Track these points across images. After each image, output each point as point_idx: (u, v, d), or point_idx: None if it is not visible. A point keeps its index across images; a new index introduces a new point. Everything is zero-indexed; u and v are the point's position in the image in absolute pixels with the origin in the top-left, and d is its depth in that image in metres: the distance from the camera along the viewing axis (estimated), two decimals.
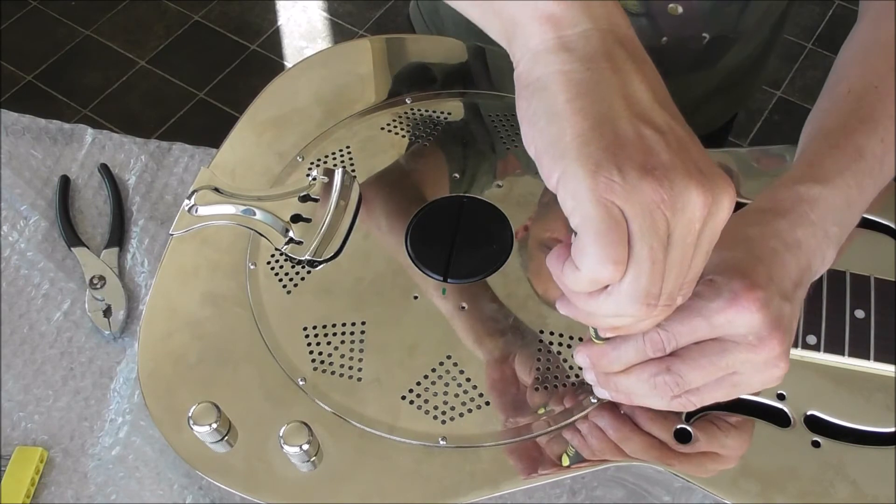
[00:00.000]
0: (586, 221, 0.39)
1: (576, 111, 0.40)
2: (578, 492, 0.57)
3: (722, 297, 0.47)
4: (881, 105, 0.57)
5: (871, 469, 0.52)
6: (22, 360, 0.65)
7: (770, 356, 0.48)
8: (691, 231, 0.41)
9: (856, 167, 0.55)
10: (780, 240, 0.51)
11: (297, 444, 0.51)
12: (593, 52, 0.41)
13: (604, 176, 0.38)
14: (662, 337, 0.47)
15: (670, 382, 0.48)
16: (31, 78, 2.00)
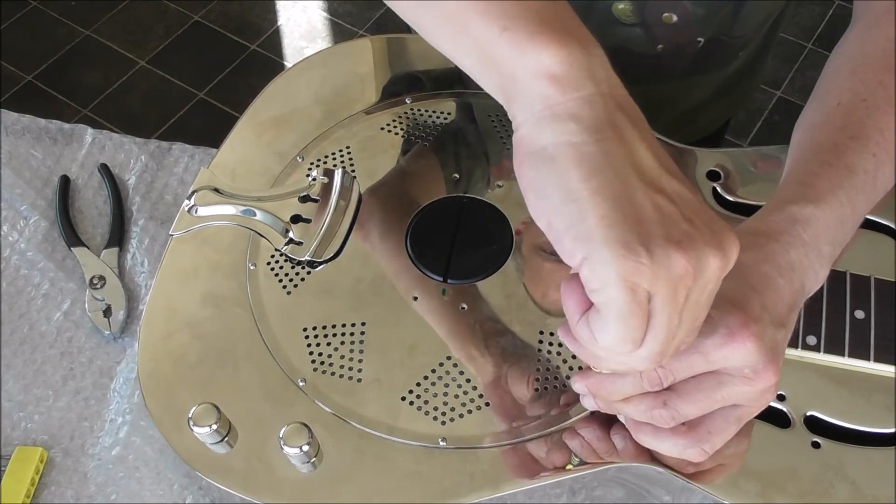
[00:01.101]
0: (611, 303, 0.39)
1: (594, 192, 0.39)
2: (578, 492, 0.57)
3: (718, 333, 0.47)
4: (870, 119, 0.57)
5: (870, 470, 0.52)
6: (22, 360, 0.65)
7: (766, 386, 0.48)
8: (706, 291, 0.41)
9: (848, 185, 0.55)
10: (774, 264, 0.51)
11: (297, 445, 0.51)
12: (599, 122, 0.40)
13: (633, 260, 0.38)
14: (660, 374, 0.48)
15: (666, 416, 0.49)
16: (31, 78, 2.00)
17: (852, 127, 0.57)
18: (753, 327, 0.47)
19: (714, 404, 0.49)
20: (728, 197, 0.64)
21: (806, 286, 0.52)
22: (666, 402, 0.49)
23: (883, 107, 0.57)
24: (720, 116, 0.89)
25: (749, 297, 0.49)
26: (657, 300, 0.40)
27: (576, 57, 0.40)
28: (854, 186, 0.55)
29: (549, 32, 0.40)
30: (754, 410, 0.50)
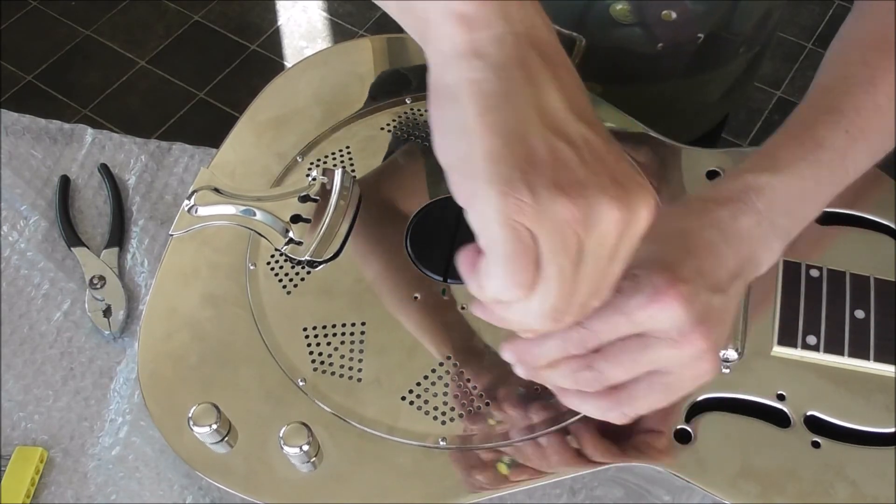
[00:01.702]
0: (493, 244, 0.38)
1: (486, 127, 0.38)
2: (578, 492, 0.57)
3: (642, 293, 0.45)
4: (848, 97, 0.56)
5: (870, 469, 0.52)
6: (22, 360, 0.65)
7: (694, 351, 0.46)
8: (605, 246, 0.40)
9: (812, 158, 0.54)
10: (719, 230, 0.50)
11: (297, 445, 0.51)
12: (506, 60, 0.40)
13: (514, 197, 0.37)
14: (583, 335, 0.46)
15: (590, 379, 0.47)
16: (31, 78, 2.00)
17: (828, 103, 0.56)
18: (681, 288, 0.45)
19: (640, 368, 0.47)
20: None
21: (757, 256, 0.51)
22: (591, 364, 0.47)
23: (864, 85, 0.56)
24: (719, 114, 0.90)
25: (683, 260, 0.47)
26: (543, 246, 0.38)
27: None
28: (819, 161, 0.54)
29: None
30: (685, 380, 0.48)
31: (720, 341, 0.48)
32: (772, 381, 0.55)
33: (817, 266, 0.59)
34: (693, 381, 0.48)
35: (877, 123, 0.56)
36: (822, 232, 0.62)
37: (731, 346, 0.56)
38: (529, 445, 0.54)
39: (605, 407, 0.48)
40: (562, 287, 0.40)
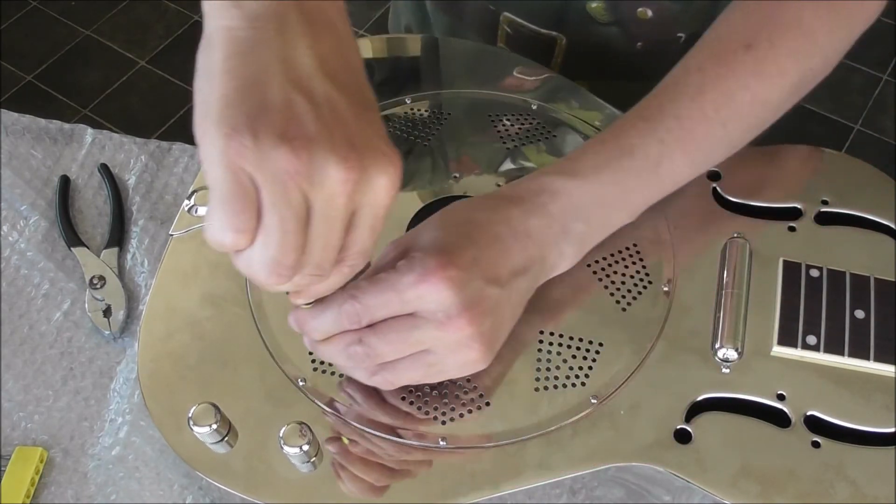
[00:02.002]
0: (214, 185, 0.39)
1: (226, 71, 0.39)
2: (578, 491, 0.57)
3: (414, 272, 0.47)
4: (672, 104, 0.55)
5: (870, 469, 0.52)
6: (22, 360, 0.65)
7: (460, 336, 0.48)
8: (334, 206, 0.40)
9: (617, 165, 0.54)
10: (508, 226, 0.51)
11: (297, 445, 0.51)
12: (262, 12, 0.40)
13: (237, 140, 0.38)
14: (357, 309, 0.47)
15: (361, 353, 0.49)
16: (31, 78, 2.00)
17: (649, 109, 0.56)
18: (452, 272, 0.47)
19: (408, 347, 0.48)
20: (728, 197, 0.64)
21: (548, 259, 0.52)
22: (362, 339, 0.48)
23: (691, 93, 0.56)
24: None
25: (463, 248, 0.49)
26: (264, 194, 0.39)
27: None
28: (625, 168, 0.54)
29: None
30: (449, 364, 0.50)
31: (493, 333, 0.50)
32: (772, 381, 0.55)
33: (817, 266, 0.59)
34: (458, 367, 0.50)
35: (700, 132, 0.55)
36: (823, 232, 0.62)
37: (731, 345, 0.56)
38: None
39: (372, 371, 0.50)
40: (283, 238, 0.40)
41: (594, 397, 0.55)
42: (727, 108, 0.55)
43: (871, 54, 1.99)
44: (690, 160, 0.56)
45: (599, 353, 0.57)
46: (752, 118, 0.57)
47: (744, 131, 0.58)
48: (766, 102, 0.57)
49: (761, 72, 0.55)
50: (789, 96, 0.58)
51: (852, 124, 1.90)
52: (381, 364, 0.50)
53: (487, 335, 0.49)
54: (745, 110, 0.56)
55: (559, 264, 0.54)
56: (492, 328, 0.49)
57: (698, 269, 0.60)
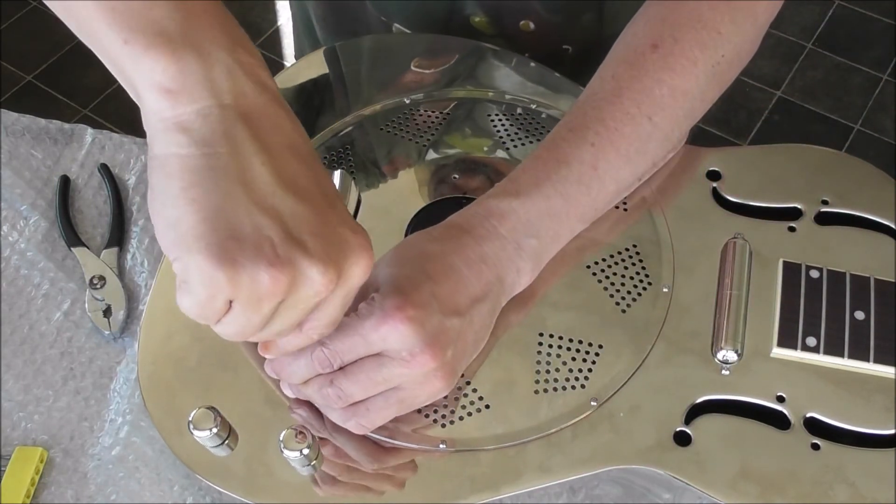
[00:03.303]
0: (188, 288, 0.41)
1: (190, 202, 0.40)
2: (578, 491, 0.57)
3: (374, 315, 0.48)
4: (594, 111, 0.57)
5: (870, 471, 0.52)
6: (22, 360, 0.65)
7: (425, 370, 0.49)
8: (307, 303, 0.43)
9: (557, 177, 0.56)
10: (462, 256, 0.53)
11: (298, 449, 0.51)
12: (211, 135, 0.40)
13: (211, 273, 0.40)
14: (326, 354, 0.50)
15: (333, 395, 0.51)
16: (31, 78, 2.00)
17: (574, 120, 0.58)
18: (410, 311, 0.48)
19: (376, 386, 0.50)
20: (728, 197, 0.64)
21: (506, 280, 0.54)
22: (333, 381, 0.50)
23: (609, 98, 0.58)
24: None
25: (419, 285, 0.50)
26: (237, 305, 0.42)
27: (191, 69, 0.40)
28: (565, 178, 0.56)
29: (164, 45, 0.40)
30: (418, 394, 0.51)
31: (456, 361, 0.51)
32: (771, 383, 0.55)
33: (817, 266, 0.59)
34: (427, 397, 0.52)
35: (629, 130, 0.57)
36: (823, 232, 0.62)
37: (731, 347, 0.56)
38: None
39: (343, 417, 0.52)
40: (243, 329, 0.43)
41: (594, 399, 0.55)
42: (648, 104, 0.57)
43: (871, 54, 1.99)
44: (626, 158, 0.58)
45: (599, 355, 0.57)
46: (676, 109, 0.59)
47: (673, 123, 0.59)
48: (685, 93, 0.58)
49: (671, 66, 0.58)
50: (707, 85, 0.60)
51: (852, 124, 1.90)
52: (353, 405, 0.52)
53: (450, 364, 0.51)
54: (667, 102, 0.58)
55: (518, 282, 0.56)
56: (454, 357, 0.51)
57: (698, 270, 0.60)
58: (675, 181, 0.64)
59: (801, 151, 0.67)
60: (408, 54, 0.76)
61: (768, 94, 1.94)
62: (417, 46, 0.75)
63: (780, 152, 0.67)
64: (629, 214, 0.63)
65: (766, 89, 1.95)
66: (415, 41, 0.76)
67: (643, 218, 0.62)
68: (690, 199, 0.63)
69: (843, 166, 0.66)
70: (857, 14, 2.07)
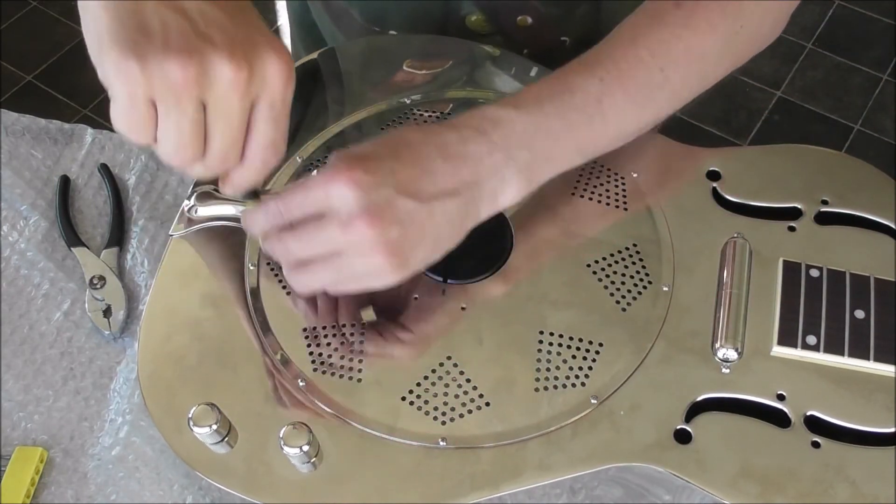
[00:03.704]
0: (114, 96, 0.44)
1: (104, 9, 0.44)
2: (578, 491, 0.57)
3: (324, 172, 0.50)
4: (609, 50, 0.58)
5: (870, 469, 0.52)
6: (22, 360, 0.65)
7: (360, 238, 0.49)
8: (228, 103, 0.45)
9: (560, 100, 0.56)
10: (440, 148, 0.53)
11: (297, 446, 0.51)
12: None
13: (124, 65, 0.42)
14: (279, 206, 0.51)
15: (279, 250, 0.53)
16: (31, 78, 2.00)
17: (588, 57, 0.58)
18: (358, 174, 0.49)
19: (316, 245, 0.51)
20: (728, 196, 0.64)
21: (486, 185, 0.53)
22: (281, 237, 0.52)
23: (624, 41, 0.58)
24: None
25: (380, 157, 0.51)
26: (159, 105, 0.44)
27: None
28: (567, 103, 0.56)
29: None
30: (356, 265, 0.51)
31: (402, 245, 0.51)
32: (772, 381, 0.55)
33: (817, 266, 0.59)
34: (366, 270, 0.51)
35: (640, 75, 0.57)
36: (822, 232, 0.62)
37: (731, 345, 0.56)
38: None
39: (288, 273, 0.53)
40: (179, 138, 0.46)
41: (594, 397, 0.55)
42: (662, 55, 0.58)
43: (871, 54, 1.99)
44: (632, 101, 0.57)
45: (599, 353, 0.57)
46: (689, 68, 0.59)
47: (683, 80, 0.59)
48: (701, 54, 0.59)
49: (692, 24, 0.58)
50: (722, 52, 0.60)
51: (852, 124, 1.90)
52: (297, 263, 0.53)
53: (394, 244, 0.50)
54: (681, 58, 0.58)
55: (503, 192, 0.55)
56: (401, 239, 0.50)
57: (698, 269, 0.60)
58: (675, 181, 0.65)
59: (801, 151, 0.67)
60: (408, 55, 0.76)
61: (768, 94, 1.94)
62: (417, 47, 0.75)
63: (780, 152, 0.67)
64: (629, 214, 0.63)
65: (766, 89, 1.95)
66: (414, 42, 0.76)
67: (643, 217, 0.62)
68: (690, 199, 0.63)
69: (843, 166, 0.66)
70: (857, 14, 2.07)
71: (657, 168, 0.65)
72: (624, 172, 0.65)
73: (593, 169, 0.65)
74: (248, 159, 0.48)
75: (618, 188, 0.64)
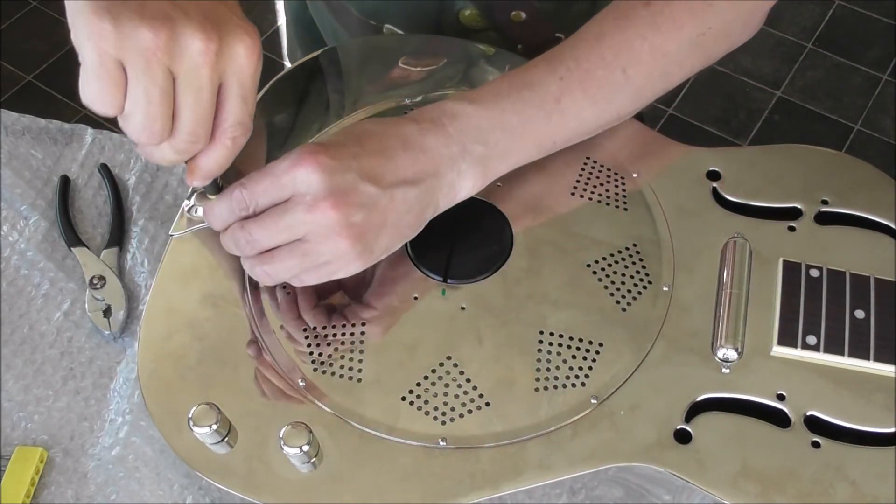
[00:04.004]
0: (85, 61, 0.44)
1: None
2: (578, 491, 0.57)
3: (290, 157, 0.51)
4: (573, 49, 0.59)
5: (870, 469, 0.52)
6: (22, 360, 0.65)
7: (327, 221, 0.51)
8: (198, 76, 0.46)
9: (517, 96, 0.57)
10: (400, 139, 0.54)
11: (297, 446, 0.51)
12: None
13: (97, 24, 0.43)
14: (244, 195, 0.52)
15: (242, 239, 0.53)
16: (31, 78, 2.00)
17: (551, 53, 0.59)
18: (323, 158, 0.51)
19: (281, 232, 0.52)
20: (728, 196, 0.64)
21: (444, 177, 0.55)
22: (244, 225, 0.53)
23: (590, 41, 0.59)
24: None
25: (345, 145, 0.52)
26: (128, 69, 0.44)
27: None
28: (525, 100, 0.57)
29: None
30: (322, 250, 0.52)
31: (366, 229, 0.52)
32: (772, 381, 0.55)
33: (817, 266, 0.59)
34: (332, 255, 0.52)
35: (599, 75, 0.58)
36: (822, 232, 0.62)
37: (731, 345, 0.56)
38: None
39: (251, 264, 0.54)
40: (148, 108, 0.46)
41: (594, 397, 0.55)
42: (626, 55, 0.58)
43: (871, 54, 1.99)
44: (592, 100, 0.58)
45: (599, 353, 0.57)
46: (652, 67, 0.59)
47: (646, 80, 0.60)
48: (665, 54, 0.59)
49: (658, 24, 0.58)
50: (688, 52, 0.60)
51: (852, 124, 1.90)
52: (261, 254, 0.53)
53: (358, 228, 0.52)
54: (645, 59, 0.58)
55: (460, 184, 0.56)
56: (364, 223, 0.52)
57: (698, 269, 0.60)
58: (675, 181, 0.65)
59: (801, 151, 0.67)
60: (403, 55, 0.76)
61: (768, 94, 1.94)
62: (412, 47, 0.75)
63: (780, 152, 0.67)
64: (629, 214, 0.63)
65: (766, 89, 1.95)
66: (409, 42, 0.76)
67: (643, 217, 0.62)
68: (690, 199, 0.63)
69: (843, 166, 0.66)
70: (857, 14, 2.07)
71: (657, 168, 0.65)
72: (624, 172, 0.65)
73: (593, 169, 0.65)
74: (217, 139, 0.49)
75: (618, 188, 0.64)
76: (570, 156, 0.64)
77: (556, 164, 0.64)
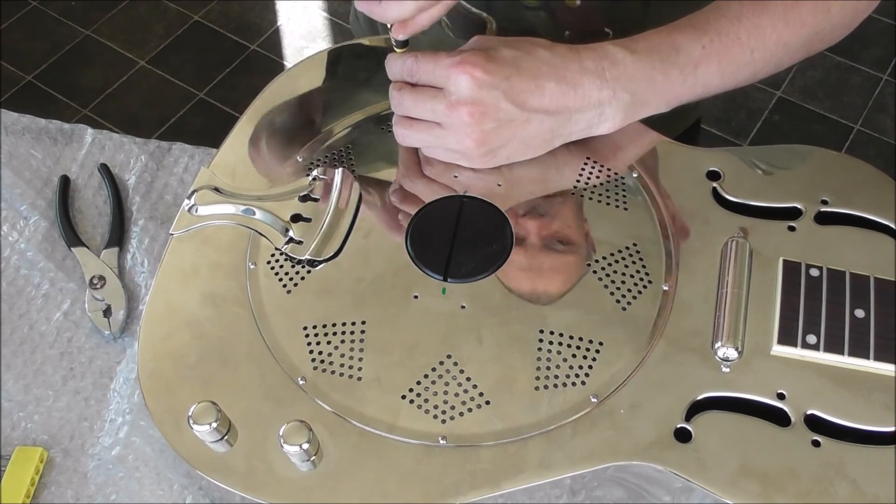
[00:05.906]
0: None
1: None
2: (578, 492, 0.57)
3: (457, 57, 0.58)
4: (716, 22, 0.63)
5: (871, 468, 0.52)
6: (22, 360, 0.65)
7: (460, 122, 0.59)
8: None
9: (666, 55, 0.61)
10: (559, 73, 0.59)
11: (297, 444, 0.51)
12: None
13: None
14: (411, 65, 0.60)
15: (396, 98, 0.62)
16: (31, 78, 2.00)
17: (698, 20, 0.64)
18: (478, 72, 0.57)
19: (424, 110, 0.60)
20: (728, 197, 0.64)
21: (585, 111, 0.60)
22: (401, 88, 0.61)
23: (731, 17, 0.63)
24: (677, 121, 0.87)
25: (504, 65, 0.58)
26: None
27: None
28: (670, 60, 0.61)
29: None
30: (449, 139, 0.60)
31: (492, 138, 0.60)
32: (772, 380, 0.55)
33: (817, 266, 0.59)
34: (456, 144, 0.61)
35: (734, 52, 0.63)
36: (823, 232, 0.62)
37: (731, 344, 0.56)
38: None
39: (397, 120, 0.63)
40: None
41: (594, 396, 0.55)
42: (756, 39, 0.63)
43: (871, 54, 1.99)
44: (721, 72, 0.63)
45: (599, 352, 0.57)
46: (773, 54, 0.64)
47: (765, 64, 0.65)
48: (786, 45, 0.64)
49: (788, 18, 0.64)
50: (800, 48, 0.65)
51: (852, 124, 1.90)
52: (406, 118, 0.62)
53: (486, 135, 0.59)
54: (771, 46, 0.64)
55: (599, 125, 0.62)
56: (493, 132, 0.59)
57: (698, 269, 0.60)
58: (675, 181, 0.65)
59: (801, 151, 0.67)
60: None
61: (768, 94, 1.94)
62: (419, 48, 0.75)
63: (780, 152, 0.67)
64: (629, 214, 0.63)
65: (766, 89, 1.95)
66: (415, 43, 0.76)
67: (643, 217, 0.62)
68: (690, 199, 0.63)
69: (843, 166, 0.66)
70: None
71: (657, 168, 0.65)
72: (624, 172, 0.65)
73: (593, 169, 0.65)
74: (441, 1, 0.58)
75: (618, 188, 0.64)
76: (570, 156, 0.65)
77: (557, 163, 0.64)
